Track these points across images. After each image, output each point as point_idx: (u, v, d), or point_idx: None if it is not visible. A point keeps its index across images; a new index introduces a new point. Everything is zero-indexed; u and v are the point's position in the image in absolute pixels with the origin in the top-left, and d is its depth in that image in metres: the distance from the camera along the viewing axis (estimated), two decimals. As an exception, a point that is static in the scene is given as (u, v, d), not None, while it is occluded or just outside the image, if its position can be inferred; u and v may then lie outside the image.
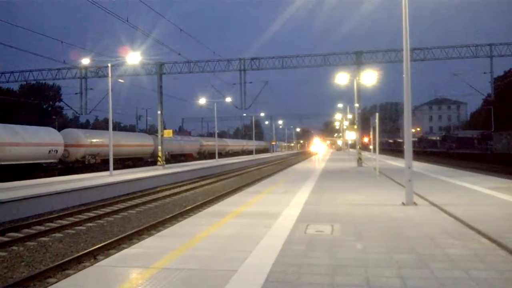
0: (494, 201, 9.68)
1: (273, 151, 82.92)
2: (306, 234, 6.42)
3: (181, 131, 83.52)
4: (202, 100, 41.42)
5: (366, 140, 40.38)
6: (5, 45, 61.47)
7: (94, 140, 28.27)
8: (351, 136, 30.57)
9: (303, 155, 76.13)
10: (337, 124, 75.73)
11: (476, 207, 8.69)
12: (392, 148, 74.09)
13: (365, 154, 34.69)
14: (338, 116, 62.41)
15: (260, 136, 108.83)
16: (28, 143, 21.93)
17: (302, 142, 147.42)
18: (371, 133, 20.81)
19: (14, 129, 22.12)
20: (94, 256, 8.34)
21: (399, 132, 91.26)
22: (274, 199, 10.69)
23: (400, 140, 71.13)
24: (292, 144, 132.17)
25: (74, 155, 26.73)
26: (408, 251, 5.32)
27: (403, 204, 9.09)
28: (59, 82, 47.00)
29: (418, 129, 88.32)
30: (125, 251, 5.96)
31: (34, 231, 10.70)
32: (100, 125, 75.02)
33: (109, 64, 23.96)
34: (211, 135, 72.29)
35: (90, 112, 31.49)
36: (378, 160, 18.06)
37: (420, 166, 22.66)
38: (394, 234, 6.30)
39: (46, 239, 10.01)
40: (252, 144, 69.91)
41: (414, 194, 9.50)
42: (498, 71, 52.66)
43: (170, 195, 17.97)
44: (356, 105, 27.86)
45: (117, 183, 18.07)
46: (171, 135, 32.16)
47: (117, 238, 9.58)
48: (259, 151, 78.01)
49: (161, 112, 29.18)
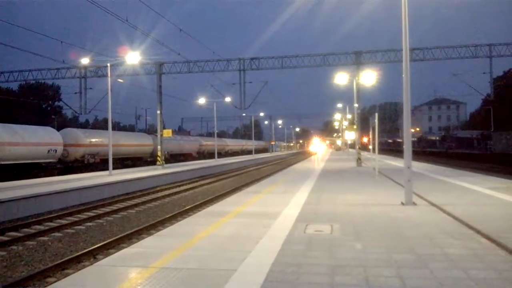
0: (494, 201, 9.68)
1: (272, 151, 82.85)
2: (305, 234, 6.43)
3: (180, 130, 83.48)
4: (202, 100, 41.39)
5: (365, 140, 40.39)
6: (4, 44, 61.48)
7: (94, 140, 28.27)
8: (351, 136, 30.58)
9: (303, 155, 76.16)
10: (336, 124, 75.76)
11: (475, 207, 8.70)
12: (392, 148, 74.10)
13: (364, 154, 34.70)
14: (338, 116, 62.47)
15: (259, 136, 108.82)
16: (27, 143, 21.92)
17: (301, 142, 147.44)
18: (371, 133, 20.80)
19: (13, 128, 22.10)
20: (94, 255, 8.35)
21: (398, 132, 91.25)
22: (273, 199, 10.69)
23: (399, 140, 71.18)
24: (292, 144, 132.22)
25: (73, 154, 26.73)
26: (407, 251, 5.33)
27: (403, 204, 9.10)
28: (59, 81, 46.97)
29: (418, 129, 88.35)
30: (124, 250, 5.97)
31: (33, 231, 10.71)
32: (99, 124, 74.95)
33: (108, 64, 23.96)
34: (210, 135, 72.26)
35: (90, 111, 31.47)
36: (378, 160, 18.07)
37: (419, 166, 22.67)
38: (393, 234, 6.31)
39: (46, 238, 10.02)
40: (251, 144, 69.90)
41: (414, 194, 9.51)
42: (498, 71, 52.78)
43: (170, 195, 17.97)
44: (356, 105, 27.86)
45: (116, 183, 18.07)
46: (171, 134, 32.13)
47: (116, 238, 9.58)
48: (258, 151, 78.00)
49: (160, 111, 29.18)
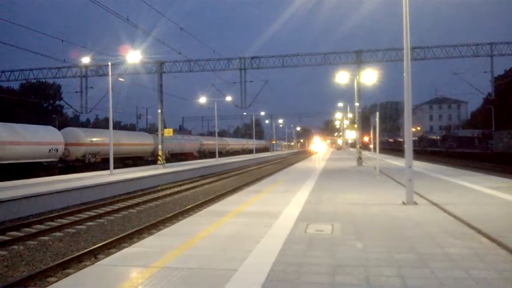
0: (495, 200, 9.67)
1: (273, 150, 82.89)
2: (306, 234, 6.43)
3: (181, 130, 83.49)
4: (203, 99, 41.41)
5: (366, 139, 40.34)
6: (5, 43, 61.46)
7: (95, 139, 28.30)
8: (351, 135, 30.51)
9: (303, 154, 76.16)
10: (337, 123, 75.73)
11: (476, 207, 8.69)
12: (393, 148, 74.06)
13: (365, 153, 34.70)
14: (339, 115, 62.45)
15: (260, 135, 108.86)
16: (28, 142, 21.94)
17: (302, 141, 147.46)
18: (371, 132, 20.80)
19: (14, 128, 22.12)
20: (95, 255, 8.36)
21: (399, 131, 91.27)
22: (274, 198, 10.69)
23: (400, 139, 71.12)
24: (292, 143, 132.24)
25: (74, 154, 26.76)
26: (408, 251, 5.32)
27: (403, 203, 9.09)
28: (60, 80, 47.17)
29: (419, 128, 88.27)
30: (125, 250, 5.97)
31: (34, 230, 10.72)
32: (100, 124, 74.94)
33: (109, 63, 23.97)
34: (211, 134, 72.25)
35: (91, 111, 31.50)
36: (378, 160, 18.06)
37: (420, 165, 22.65)
38: (394, 234, 6.30)
39: (47, 238, 10.03)
40: (252, 143, 69.91)
41: (415, 193, 9.50)
42: (499, 70, 52.70)
43: (171, 194, 17.98)
44: (357, 104, 27.85)
45: (117, 182, 18.08)
46: (172, 134, 32.16)
47: (117, 237, 9.59)
48: (259, 150, 78.02)
49: (161, 111, 29.19)
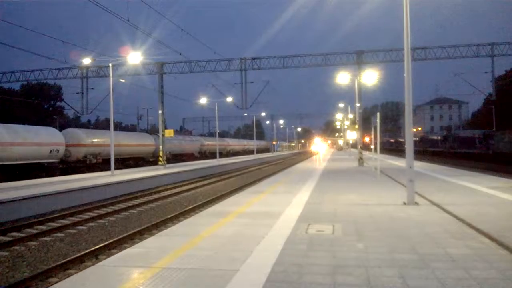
0: (496, 200, 9.65)
1: (274, 151, 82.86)
2: (307, 234, 6.43)
3: (182, 130, 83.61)
4: (203, 100, 41.41)
5: (367, 139, 40.32)
6: (6, 45, 61.62)
7: (95, 140, 28.32)
8: (352, 135, 30.50)
9: (304, 155, 76.13)
10: (338, 124, 75.70)
11: (477, 207, 8.67)
12: (393, 148, 73.94)
13: (366, 154, 34.64)
14: (339, 115, 62.43)
15: (261, 136, 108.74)
16: (29, 143, 21.96)
17: (303, 141, 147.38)
18: (372, 132, 20.79)
19: (15, 129, 22.15)
20: (96, 255, 8.37)
21: (400, 131, 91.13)
22: (275, 199, 10.69)
23: (401, 140, 71.00)
24: (293, 144, 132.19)
25: (75, 155, 26.77)
26: (409, 251, 5.32)
27: (404, 203, 9.09)
28: (60, 82, 47.12)
29: (419, 128, 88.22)
30: (126, 250, 5.98)
31: (35, 231, 10.74)
32: (101, 125, 75.03)
33: (110, 64, 24.00)
34: (212, 134, 72.27)
35: (91, 112, 31.61)
36: (379, 160, 18.05)
37: (421, 166, 22.63)
38: (395, 234, 6.30)
39: (48, 238, 10.04)
40: (253, 143, 69.95)
41: (416, 193, 9.49)
42: (500, 70, 52.82)
43: (171, 195, 17.99)
44: (357, 104, 27.82)
45: (118, 183, 18.09)
46: (172, 134, 32.19)
47: (118, 238, 9.61)
48: (260, 151, 78.02)
49: (162, 111, 29.21)
